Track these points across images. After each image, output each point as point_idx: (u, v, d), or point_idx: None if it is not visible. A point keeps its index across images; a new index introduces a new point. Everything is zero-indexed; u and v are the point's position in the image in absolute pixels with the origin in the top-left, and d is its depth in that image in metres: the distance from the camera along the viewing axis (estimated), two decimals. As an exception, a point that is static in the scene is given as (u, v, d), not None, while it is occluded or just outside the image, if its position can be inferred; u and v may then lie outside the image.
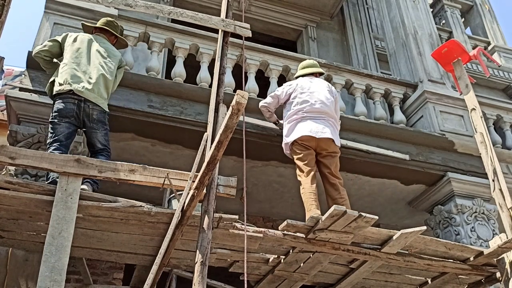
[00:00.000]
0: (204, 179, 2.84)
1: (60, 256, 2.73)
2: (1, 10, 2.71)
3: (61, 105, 3.72)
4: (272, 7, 8.22)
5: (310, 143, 4.28)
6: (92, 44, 4.06)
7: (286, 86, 4.64)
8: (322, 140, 4.28)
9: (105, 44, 4.16)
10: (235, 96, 2.35)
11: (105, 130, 3.90)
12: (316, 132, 4.29)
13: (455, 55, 4.76)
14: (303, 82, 4.62)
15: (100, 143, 3.83)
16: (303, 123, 4.35)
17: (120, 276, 5.30)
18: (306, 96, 4.47)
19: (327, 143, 4.31)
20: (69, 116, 3.71)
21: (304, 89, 4.53)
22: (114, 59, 4.11)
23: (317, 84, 4.62)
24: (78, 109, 3.74)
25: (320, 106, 4.42)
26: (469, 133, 5.69)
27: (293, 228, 3.49)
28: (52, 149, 3.56)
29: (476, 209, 5.36)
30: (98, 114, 3.83)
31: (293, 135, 4.36)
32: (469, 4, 11.60)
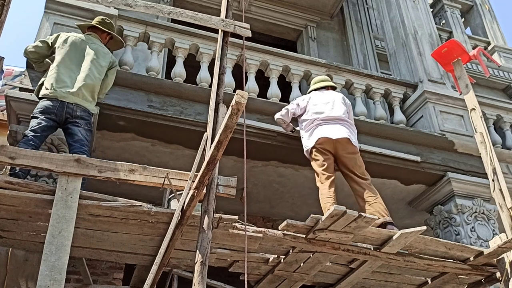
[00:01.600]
0: (204, 179, 2.84)
1: (60, 255, 2.73)
2: (1, 10, 2.71)
3: (44, 103, 3.77)
4: (272, 7, 8.22)
5: (328, 145, 4.40)
6: (82, 46, 4.07)
7: (299, 100, 4.84)
8: (339, 141, 4.41)
9: (95, 45, 4.16)
10: (235, 96, 2.35)
11: (88, 128, 3.88)
12: (333, 133, 4.42)
13: (455, 55, 4.76)
14: (316, 94, 4.82)
15: (81, 134, 3.78)
16: (320, 128, 4.50)
17: (120, 276, 5.30)
18: (320, 106, 4.64)
19: (344, 144, 4.42)
20: (49, 113, 3.73)
21: (318, 100, 4.71)
22: (104, 60, 4.11)
23: (330, 95, 4.80)
24: (61, 106, 3.76)
25: (335, 113, 4.57)
26: (469, 133, 5.68)
27: (293, 228, 3.49)
28: (24, 140, 3.57)
29: (476, 209, 5.36)
30: (81, 112, 3.83)
31: (310, 140, 4.50)
32: (469, 4, 11.60)
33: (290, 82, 5.76)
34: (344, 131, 4.49)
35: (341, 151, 4.42)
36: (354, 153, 4.47)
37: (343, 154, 4.42)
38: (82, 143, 3.75)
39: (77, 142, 3.74)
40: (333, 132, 4.45)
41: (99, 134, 4.66)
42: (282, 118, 4.83)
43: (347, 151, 4.43)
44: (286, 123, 4.85)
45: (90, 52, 4.06)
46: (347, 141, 4.45)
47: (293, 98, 5.50)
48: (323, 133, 4.45)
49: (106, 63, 4.12)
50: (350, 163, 4.41)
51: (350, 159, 4.42)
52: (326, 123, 4.53)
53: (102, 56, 4.12)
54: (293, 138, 5.04)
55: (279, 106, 5.21)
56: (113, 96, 4.57)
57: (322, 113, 4.59)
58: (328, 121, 4.54)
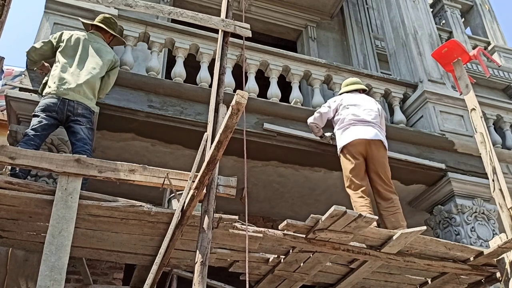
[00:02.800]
0: (204, 179, 2.84)
1: (60, 255, 2.73)
2: (1, 10, 2.71)
3: (46, 101, 3.78)
4: (272, 7, 8.22)
5: (360, 147, 4.40)
6: (85, 44, 4.08)
7: (331, 102, 4.84)
8: (372, 143, 4.42)
9: (98, 44, 4.17)
10: (235, 96, 2.35)
11: (90, 127, 3.88)
12: (366, 134, 4.43)
13: (455, 55, 4.76)
14: (348, 96, 4.82)
15: (83, 132, 3.78)
16: (353, 128, 4.50)
17: (120, 276, 5.30)
18: (352, 108, 4.65)
19: (377, 146, 4.44)
20: (51, 110, 3.73)
21: (349, 102, 4.71)
22: (106, 59, 4.12)
23: (362, 98, 4.82)
24: (63, 104, 3.76)
25: (367, 115, 4.58)
26: (469, 133, 5.69)
27: (293, 228, 3.49)
28: (24, 140, 3.57)
29: (476, 209, 5.36)
30: (83, 110, 3.84)
31: (343, 140, 4.50)
32: (469, 4, 11.60)
33: (290, 82, 5.76)
34: (377, 133, 4.51)
35: (373, 153, 4.43)
36: (384, 158, 4.49)
37: (374, 157, 4.42)
38: (84, 141, 3.75)
39: (80, 141, 3.74)
40: (366, 133, 4.46)
41: (99, 134, 4.66)
42: (315, 123, 4.84)
43: (378, 154, 4.44)
44: (318, 127, 4.86)
45: (92, 50, 4.07)
46: (380, 144, 4.48)
47: (293, 98, 5.51)
48: (357, 134, 4.45)
49: (108, 62, 4.13)
50: (379, 167, 4.42)
51: (380, 163, 4.43)
52: (360, 123, 4.53)
53: (105, 55, 4.13)
54: (293, 138, 5.05)
55: (279, 106, 5.22)
56: (113, 96, 4.57)
57: (354, 113, 4.60)
58: (361, 122, 4.54)
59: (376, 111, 4.70)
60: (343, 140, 4.52)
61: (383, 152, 4.49)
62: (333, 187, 5.72)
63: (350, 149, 4.43)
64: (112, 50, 4.33)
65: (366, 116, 4.59)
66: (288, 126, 5.08)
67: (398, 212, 4.26)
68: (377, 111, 4.72)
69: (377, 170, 4.40)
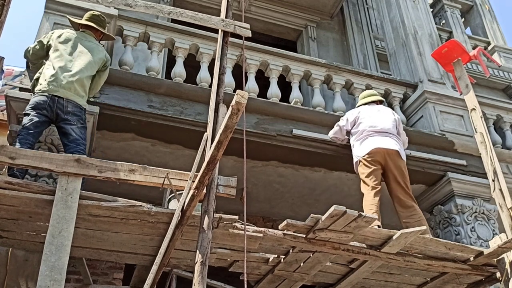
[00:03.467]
0: (204, 179, 2.84)
1: (60, 255, 2.73)
2: (1, 10, 2.71)
3: (36, 99, 3.78)
4: (272, 7, 8.22)
5: (378, 156, 4.52)
6: (76, 42, 4.08)
7: (349, 115, 4.97)
8: (390, 153, 4.54)
9: (90, 42, 4.17)
10: (235, 96, 2.35)
11: (82, 125, 3.87)
12: (384, 144, 4.56)
13: (455, 55, 4.76)
14: (365, 108, 4.96)
15: (75, 133, 3.77)
16: (371, 139, 4.64)
17: (120, 276, 5.30)
18: (369, 119, 4.77)
19: (394, 156, 4.56)
20: (41, 108, 3.73)
21: (367, 114, 4.84)
22: (97, 57, 4.11)
23: (378, 109, 4.94)
24: (52, 101, 3.76)
25: (384, 126, 4.70)
26: (469, 133, 5.68)
27: (293, 228, 3.49)
28: (18, 139, 3.57)
29: (476, 209, 5.35)
30: (72, 108, 3.82)
31: (361, 151, 4.62)
32: (469, 4, 11.60)
33: (290, 82, 5.75)
34: (394, 143, 4.63)
35: (391, 163, 4.54)
36: (403, 167, 4.60)
37: (392, 166, 4.53)
38: (77, 142, 3.74)
39: (73, 142, 3.73)
40: (384, 143, 4.58)
41: (99, 134, 4.66)
42: (336, 136, 5.01)
43: (396, 163, 4.55)
44: (340, 139, 5.02)
45: (84, 49, 4.07)
46: (396, 154, 4.58)
47: (293, 98, 5.51)
48: (375, 144, 4.58)
49: (99, 61, 4.13)
50: (399, 175, 4.52)
51: (399, 172, 4.53)
52: (377, 134, 4.65)
53: (96, 54, 4.12)
54: (293, 138, 5.05)
55: (279, 106, 5.21)
56: (113, 96, 4.57)
57: (372, 124, 4.72)
58: (379, 132, 4.66)
59: (392, 121, 4.82)
60: (361, 150, 4.65)
61: (401, 162, 4.62)
62: (333, 187, 5.72)
63: (367, 159, 4.56)
64: (103, 49, 4.34)
65: (383, 127, 4.72)
66: (300, 128, 5.11)
67: (422, 219, 4.34)
68: (394, 121, 4.84)
69: (397, 179, 4.52)
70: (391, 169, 4.53)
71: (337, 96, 5.84)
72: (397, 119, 4.93)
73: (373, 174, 4.48)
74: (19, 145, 3.47)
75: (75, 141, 3.74)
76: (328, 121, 5.30)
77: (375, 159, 4.53)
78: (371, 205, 4.29)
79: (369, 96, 5.16)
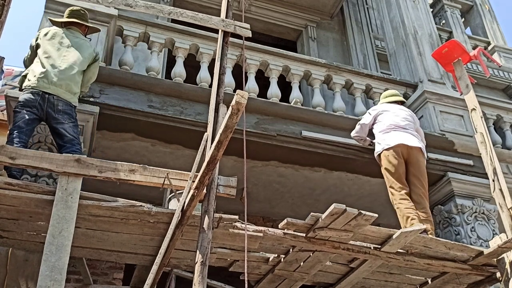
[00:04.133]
0: (204, 179, 2.85)
1: (60, 255, 2.73)
2: (1, 10, 2.71)
3: (25, 96, 3.74)
4: (272, 7, 8.22)
5: (402, 150, 4.56)
6: (64, 39, 4.05)
7: (370, 111, 5.03)
8: (413, 149, 4.59)
9: (77, 38, 4.13)
10: (235, 96, 2.35)
11: (73, 123, 3.83)
12: (408, 140, 4.61)
13: (456, 55, 4.76)
14: (386, 106, 5.02)
15: (69, 133, 3.74)
16: (395, 133, 4.69)
17: (120, 276, 5.30)
18: (391, 115, 4.83)
19: (416, 153, 4.60)
20: (31, 106, 3.69)
21: (388, 111, 4.89)
22: (86, 53, 4.09)
23: (400, 108, 5.00)
24: (42, 100, 3.72)
25: (405, 124, 4.77)
26: (469, 133, 5.68)
27: (293, 227, 3.49)
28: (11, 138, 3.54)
29: (476, 209, 5.35)
30: (63, 106, 3.79)
31: (385, 143, 4.66)
32: (469, 4, 11.60)
33: (290, 82, 5.76)
34: (417, 141, 4.69)
35: (414, 159, 4.58)
36: (424, 164, 4.66)
37: (415, 162, 4.58)
38: (73, 142, 3.72)
39: (68, 142, 3.70)
40: (408, 139, 4.64)
41: (99, 134, 4.66)
42: (358, 135, 5.03)
43: (419, 160, 4.60)
44: (363, 138, 5.05)
45: (72, 45, 4.04)
46: (419, 151, 4.64)
47: (293, 98, 5.51)
48: (399, 139, 4.62)
49: (89, 56, 4.10)
50: (419, 172, 4.56)
51: (420, 168, 4.58)
52: (400, 129, 4.71)
53: (85, 49, 4.09)
54: (293, 138, 5.05)
55: (279, 106, 5.21)
56: (113, 96, 4.57)
57: (393, 120, 4.78)
58: (401, 128, 4.72)
59: (412, 121, 4.87)
60: (385, 142, 4.68)
61: (423, 159, 4.67)
62: (333, 187, 5.72)
63: (392, 151, 4.59)
64: (91, 44, 4.31)
65: (404, 124, 4.77)
66: (304, 128, 5.08)
67: (430, 220, 4.37)
68: (413, 122, 4.90)
69: (417, 175, 4.56)
70: (413, 164, 4.58)
71: (337, 96, 5.84)
72: (416, 120, 5.00)
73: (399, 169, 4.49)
74: (14, 144, 3.45)
75: (70, 141, 3.71)
76: (328, 121, 5.30)
77: (399, 151, 4.57)
78: (408, 208, 4.28)
79: (391, 96, 5.19)
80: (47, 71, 3.82)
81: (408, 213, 4.22)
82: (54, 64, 3.87)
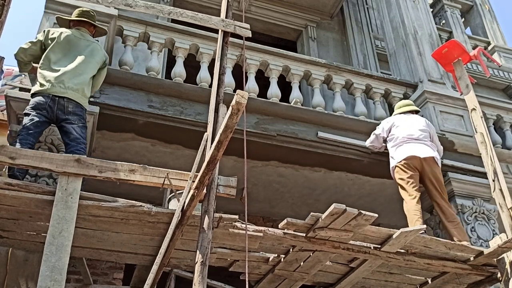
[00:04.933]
0: (204, 179, 2.85)
1: (60, 255, 2.73)
2: (1, 10, 2.71)
3: (36, 99, 3.75)
4: (272, 7, 8.22)
5: (415, 162, 4.61)
6: (75, 41, 4.03)
7: (384, 123, 5.09)
8: (426, 160, 4.63)
9: (88, 41, 4.12)
10: (235, 96, 2.35)
11: (82, 125, 3.84)
12: (420, 152, 4.65)
13: (456, 55, 4.76)
14: (400, 117, 5.05)
15: (76, 132, 3.74)
16: (406, 145, 4.73)
17: (120, 276, 5.30)
18: (404, 127, 4.86)
19: (430, 163, 4.64)
20: (41, 109, 3.70)
21: (402, 122, 4.93)
22: (97, 56, 4.09)
23: (415, 118, 5.03)
24: (53, 102, 3.73)
25: (419, 135, 4.79)
26: (469, 133, 5.68)
27: (293, 227, 3.49)
28: (18, 138, 3.55)
29: (476, 209, 5.35)
30: (74, 108, 3.79)
31: (397, 157, 4.71)
32: (469, 4, 11.60)
33: (290, 82, 5.76)
34: (430, 150, 4.71)
35: (428, 170, 4.62)
36: (440, 173, 4.69)
37: (429, 172, 4.62)
38: (78, 141, 3.72)
39: (73, 141, 3.71)
40: (420, 150, 4.66)
41: (99, 134, 4.66)
42: (373, 145, 5.12)
43: (433, 170, 4.63)
44: (377, 148, 5.13)
45: (83, 48, 4.03)
46: (433, 161, 4.67)
47: (293, 98, 5.51)
48: (411, 151, 4.66)
49: (99, 59, 4.10)
50: (436, 181, 4.61)
51: (436, 178, 4.63)
52: (412, 141, 4.74)
53: (96, 53, 4.09)
54: (292, 138, 5.05)
55: (279, 106, 5.21)
56: (113, 96, 4.57)
57: (408, 133, 4.80)
58: (414, 140, 4.75)
59: (427, 131, 4.89)
60: (397, 156, 4.73)
61: (438, 168, 4.70)
62: (333, 187, 5.72)
63: (404, 164, 4.63)
64: (101, 46, 4.30)
65: (418, 135, 4.79)
66: (293, 127, 5.08)
67: (460, 227, 4.44)
68: (428, 131, 4.91)
69: (435, 185, 4.61)
70: (428, 175, 4.62)
71: (337, 96, 5.84)
72: (432, 128, 5.02)
73: (411, 179, 4.56)
74: (20, 145, 3.45)
75: (75, 140, 3.72)
76: (328, 121, 5.30)
77: (411, 165, 4.61)
78: (415, 211, 4.37)
79: (405, 106, 5.22)
80: (58, 75, 3.81)
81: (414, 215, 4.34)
82: (65, 68, 3.86)
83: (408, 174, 4.58)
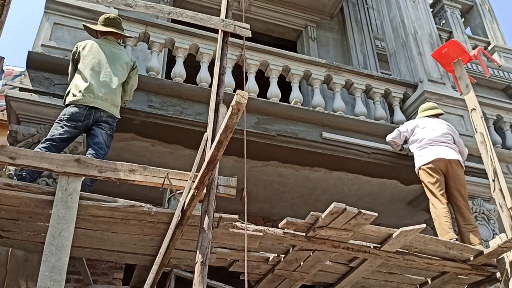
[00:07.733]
0: (204, 179, 2.85)
1: (60, 255, 2.73)
2: (1, 10, 2.71)
3: (72, 109, 3.77)
4: (272, 7, 8.22)
5: (440, 165, 4.64)
6: (104, 51, 4.07)
7: (408, 124, 5.15)
8: (451, 162, 4.66)
9: (115, 49, 4.17)
10: (235, 96, 2.35)
11: (110, 133, 3.91)
12: (445, 154, 4.68)
13: (456, 55, 4.77)
14: (424, 120, 5.10)
15: (102, 138, 3.80)
16: (432, 148, 4.76)
17: (120, 276, 5.30)
18: (428, 129, 4.90)
19: (455, 166, 4.67)
20: (76, 120, 3.73)
21: (426, 125, 4.97)
22: (126, 63, 4.13)
23: (439, 122, 5.07)
24: (89, 114, 3.78)
25: (444, 137, 4.82)
26: (469, 133, 5.68)
27: (293, 226, 3.50)
28: (42, 146, 3.55)
29: (476, 209, 5.36)
30: (107, 117, 3.87)
31: (423, 159, 4.74)
32: (469, 4, 11.60)
33: (290, 82, 5.76)
34: (455, 153, 4.74)
35: (453, 172, 4.65)
36: (463, 176, 4.73)
37: (454, 175, 4.65)
38: (100, 146, 3.76)
39: (96, 145, 3.75)
40: (445, 153, 4.70)
41: (99, 134, 4.65)
42: (394, 141, 5.18)
43: (457, 172, 4.67)
44: (397, 144, 5.20)
45: (112, 56, 4.07)
46: (457, 163, 4.70)
47: (293, 98, 5.51)
48: (437, 153, 4.69)
49: (128, 66, 4.16)
50: (459, 184, 4.64)
51: (460, 181, 4.66)
52: (437, 143, 4.76)
53: (123, 59, 4.14)
54: (292, 138, 5.05)
55: (279, 106, 5.22)
56: (113, 96, 4.56)
57: (432, 135, 4.83)
58: (438, 142, 4.77)
59: (450, 134, 4.91)
60: (423, 158, 4.75)
61: (461, 171, 4.73)
62: (333, 187, 5.72)
63: (430, 166, 4.66)
64: (128, 52, 4.33)
65: (443, 138, 4.82)
66: (292, 128, 5.08)
67: (476, 230, 4.44)
68: (452, 134, 4.93)
69: (458, 187, 4.62)
70: (452, 178, 4.65)
71: (337, 96, 5.84)
72: (455, 132, 5.03)
73: (438, 183, 4.59)
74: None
75: (98, 143, 3.76)
76: (328, 121, 5.30)
77: (438, 166, 4.64)
78: (446, 217, 4.40)
79: (429, 109, 5.24)
80: (91, 85, 3.85)
81: (446, 221, 4.37)
82: (97, 78, 3.90)
83: (435, 179, 4.61)
